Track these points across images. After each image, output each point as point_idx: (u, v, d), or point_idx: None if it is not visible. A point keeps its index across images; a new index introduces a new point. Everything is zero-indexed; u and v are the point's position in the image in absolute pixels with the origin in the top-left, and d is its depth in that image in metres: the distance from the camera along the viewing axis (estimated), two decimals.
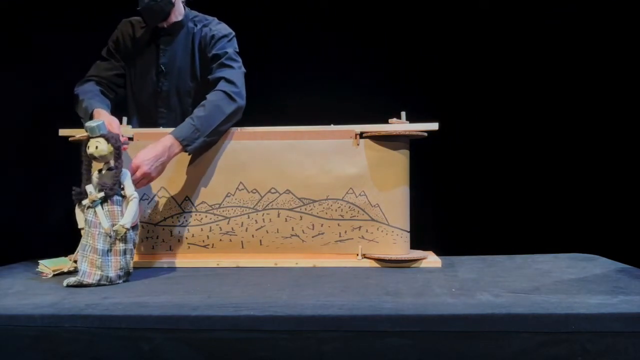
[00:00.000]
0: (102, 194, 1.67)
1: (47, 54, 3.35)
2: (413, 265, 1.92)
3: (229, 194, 1.98)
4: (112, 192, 1.68)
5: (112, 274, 1.64)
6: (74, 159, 2.24)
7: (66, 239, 2.29)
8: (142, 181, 1.82)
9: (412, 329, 1.23)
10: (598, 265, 1.86)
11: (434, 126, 1.94)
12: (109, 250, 1.65)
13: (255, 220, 1.98)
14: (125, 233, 1.67)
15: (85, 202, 1.68)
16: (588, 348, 1.19)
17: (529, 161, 3.63)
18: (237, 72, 2.07)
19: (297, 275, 1.77)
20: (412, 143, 1.99)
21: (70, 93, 3.27)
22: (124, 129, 2.03)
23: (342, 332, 1.23)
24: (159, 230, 1.99)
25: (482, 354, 1.21)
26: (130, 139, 2.01)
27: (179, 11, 2.16)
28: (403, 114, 1.97)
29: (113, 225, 1.66)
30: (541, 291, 1.45)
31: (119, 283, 1.65)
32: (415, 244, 2.04)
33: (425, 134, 1.96)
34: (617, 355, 1.19)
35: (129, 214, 1.68)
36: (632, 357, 1.19)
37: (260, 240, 1.98)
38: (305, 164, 1.97)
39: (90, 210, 1.68)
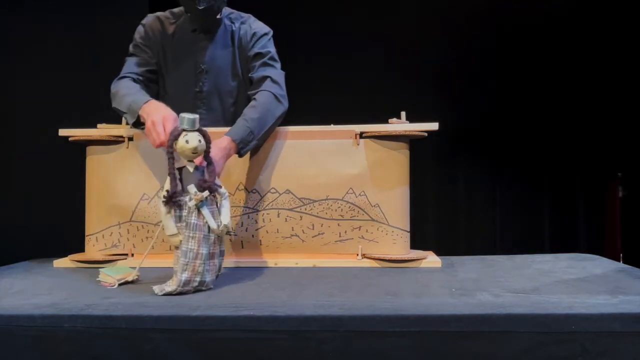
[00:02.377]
0: (207, 193, 1.53)
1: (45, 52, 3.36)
2: (413, 265, 1.92)
3: (228, 194, 1.97)
4: (217, 187, 1.55)
5: (208, 278, 1.54)
6: (73, 159, 2.25)
7: (64, 238, 2.30)
8: None
9: (412, 329, 1.23)
10: (598, 265, 1.86)
11: (434, 126, 1.94)
12: (209, 254, 1.54)
13: (255, 220, 1.98)
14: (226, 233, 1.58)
15: (191, 203, 1.54)
16: (588, 348, 1.19)
17: (529, 160, 3.64)
18: (280, 73, 2.04)
19: (297, 275, 1.77)
20: (412, 143, 1.99)
21: (71, 93, 3.27)
22: (124, 128, 2.03)
23: (342, 332, 1.23)
24: (158, 230, 1.99)
25: (482, 354, 1.21)
26: (131, 139, 2.01)
27: None
28: (403, 114, 1.97)
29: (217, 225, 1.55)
30: (541, 291, 1.45)
31: (211, 288, 1.55)
32: (415, 244, 2.04)
33: (425, 134, 1.96)
34: (617, 355, 1.19)
35: (226, 212, 1.57)
36: (632, 357, 1.19)
37: (260, 240, 1.98)
38: (305, 164, 1.97)
39: (192, 212, 1.52)
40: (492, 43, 3.61)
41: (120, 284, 1.63)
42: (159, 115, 1.74)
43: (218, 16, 2.07)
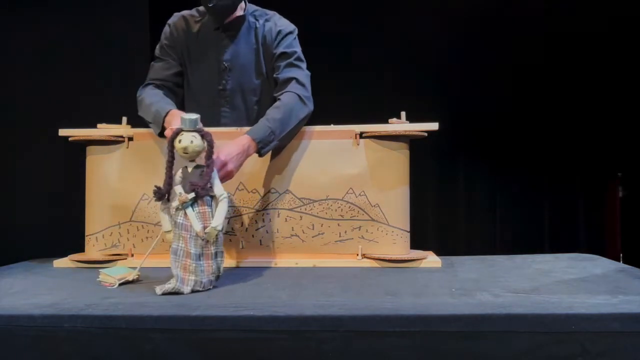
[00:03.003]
0: (192, 195, 1.52)
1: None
2: (413, 265, 1.92)
3: (229, 194, 1.97)
4: (204, 192, 1.53)
5: (205, 279, 1.54)
6: (73, 159, 2.25)
7: (64, 238, 2.30)
8: (224, 179, 1.70)
9: (412, 329, 1.23)
10: (598, 265, 1.86)
11: (434, 126, 1.94)
12: (202, 254, 1.54)
13: (255, 220, 1.98)
14: (217, 235, 1.56)
15: (174, 203, 1.53)
16: (588, 348, 1.19)
17: (529, 160, 3.64)
18: (306, 75, 2.03)
19: (297, 275, 1.77)
20: (412, 143, 1.99)
21: (71, 93, 3.27)
22: (124, 128, 2.03)
23: (342, 332, 1.23)
24: (158, 230, 1.98)
25: (482, 354, 1.21)
26: (131, 139, 2.01)
27: (241, 5, 2.07)
28: (403, 114, 1.97)
29: (204, 227, 1.53)
30: (541, 291, 1.45)
31: (210, 288, 1.55)
32: (415, 244, 2.04)
33: (425, 134, 1.96)
34: (617, 355, 1.19)
35: (219, 215, 1.55)
36: (632, 357, 1.19)
37: (260, 240, 1.98)
38: (305, 164, 1.97)
39: (180, 212, 1.54)
40: (493, 43, 3.61)
41: (120, 284, 1.62)
42: (169, 129, 1.75)
43: (241, 13, 2.06)
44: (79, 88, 3.30)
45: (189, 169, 1.57)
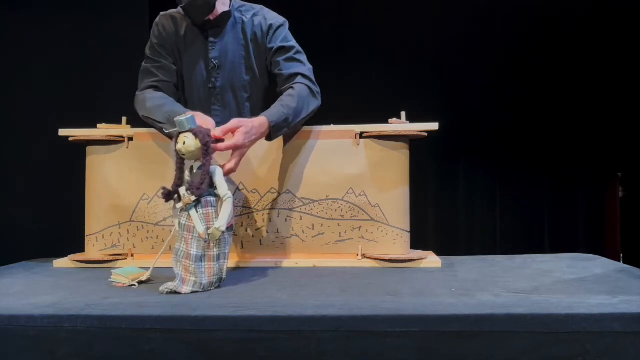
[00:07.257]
0: (195, 197, 1.52)
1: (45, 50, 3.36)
2: (413, 265, 1.92)
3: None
4: (198, 191, 1.51)
5: (205, 281, 1.53)
6: (73, 159, 2.25)
7: (64, 238, 2.30)
8: (234, 152, 1.65)
9: (412, 329, 1.23)
10: (598, 265, 1.86)
11: (434, 126, 1.94)
12: (203, 256, 1.53)
13: (255, 220, 1.98)
14: (220, 236, 1.54)
15: (178, 205, 1.53)
16: (588, 348, 1.19)
17: (529, 160, 3.64)
18: (309, 69, 2.02)
19: (297, 275, 1.77)
20: (412, 143, 1.99)
21: (71, 93, 3.27)
22: (124, 128, 2.03)
23: (342, 332, 1.23)
24: (158, 230, 1.99)
25: (482, 354, 1.21)
26: (131, 139, 2.01)
27: (223, 0, 2.05)
28: (403, 114, 1.97)
29: (208, 228, 1.52)
30: (541, 291, 1.45)
31: (211, 290, 1.55)
32: (415, 244, 2.04)
33: (425, 134, 1.96)
34: (617, 355, 1.19)
35: (223, 215, 1.53)
36: (632, 357, 1.19)
37: (260, 240, 1.98)
38: (305, 164, 1.97)
39: (184, 213, 1.54)
40: (492, 43, 3.62)
41: (132, 284, 1.61)
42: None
43: (226, 9, 2.05)
44: (79, 88, 3.30)
45: (194, 170, 1.57)
